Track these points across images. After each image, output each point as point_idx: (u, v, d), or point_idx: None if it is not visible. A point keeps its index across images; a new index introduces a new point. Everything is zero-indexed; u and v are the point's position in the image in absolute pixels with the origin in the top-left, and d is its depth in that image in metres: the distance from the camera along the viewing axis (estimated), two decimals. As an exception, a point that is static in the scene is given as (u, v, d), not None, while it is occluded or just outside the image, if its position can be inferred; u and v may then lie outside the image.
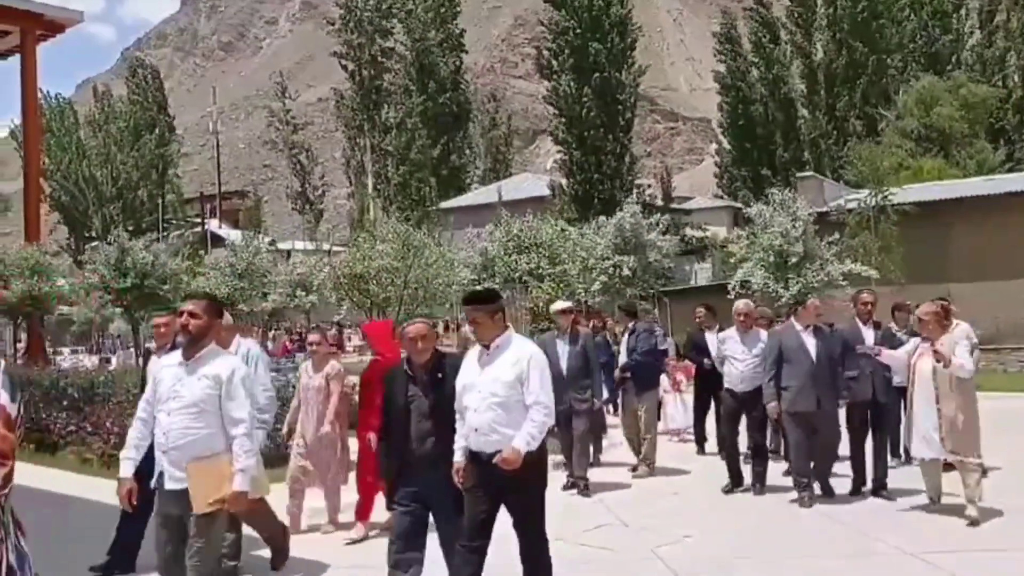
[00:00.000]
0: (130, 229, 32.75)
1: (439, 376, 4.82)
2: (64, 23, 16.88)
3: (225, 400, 4.39)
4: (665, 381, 12.06)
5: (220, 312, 4.72)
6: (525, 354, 4.62)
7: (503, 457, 4.41)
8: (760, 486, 8.11)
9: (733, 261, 20.47)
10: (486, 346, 4.65)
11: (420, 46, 54.87)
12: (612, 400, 10.53)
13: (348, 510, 7.13)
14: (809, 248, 19.13)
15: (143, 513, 5.04)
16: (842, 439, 7.95)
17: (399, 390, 4.94)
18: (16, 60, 17.04)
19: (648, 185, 64.00)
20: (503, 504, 4.65)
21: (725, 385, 8.49)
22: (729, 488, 8.20)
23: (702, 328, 10.55)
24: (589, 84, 44.12)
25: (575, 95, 44.30)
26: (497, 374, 4.57)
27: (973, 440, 6.82)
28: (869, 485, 7.87)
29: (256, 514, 5.62)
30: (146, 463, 4.56)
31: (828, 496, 7.68)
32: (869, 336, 7.94)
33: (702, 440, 10.68)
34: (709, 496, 8.15)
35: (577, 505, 7.94)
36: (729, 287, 19.54)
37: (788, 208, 19.56)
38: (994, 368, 19.97)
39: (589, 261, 19.94)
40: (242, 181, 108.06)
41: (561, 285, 14.39)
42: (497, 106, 72.37)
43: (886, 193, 22.17)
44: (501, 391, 4.53)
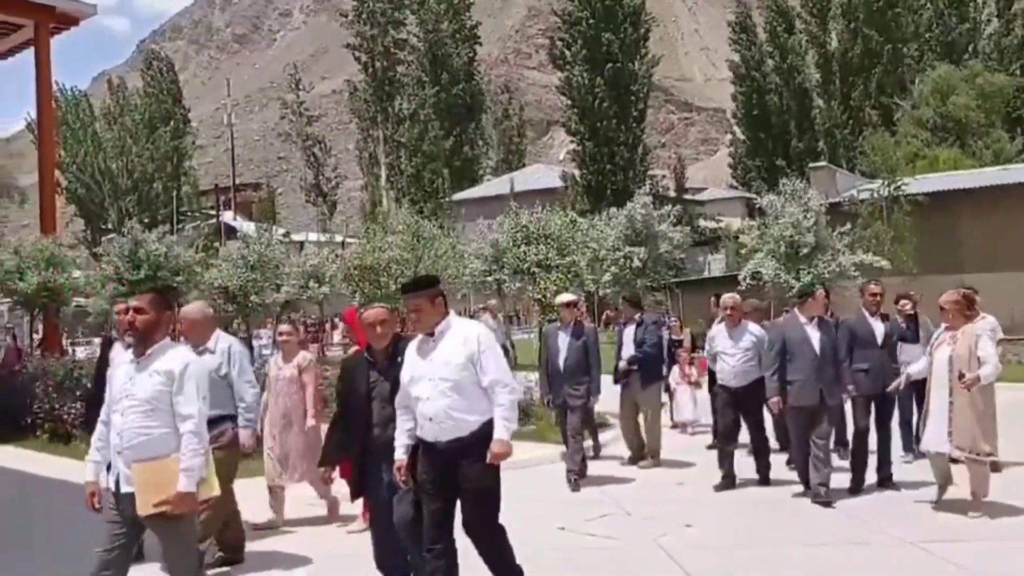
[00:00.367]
0: (145, 221, 32.96)
1: (399, 360, 4.69)
2: (77, 16, 16.98)
3: (175, 395, 4.19)
4: (676, 372, 12.05)
5: (168, 305, 4.48)
6: (472, 334, 4.50)
7: (495, 454, 4.33)
8: (766, 483, 7.98)
9: (744, 252, 20.42)
10: (429, 333, 4.51)
11: (433, 37, 54.87)
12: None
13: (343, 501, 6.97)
14: (821, 238, 19.06)
15: None
16: (834, 433, 7.80)
17: (361, 378, 4.88)
18: (31, 53, 17.17)
19: (662, 176, 63.87)
20: (457, 498, 4.52)
21: (719, 381, 8.41)
22: (720, 487, 7.93)
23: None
24: (602, 75, 44.06)
25: (588, 86, 44.24)
26: (446, 357, 4.43)
27: (985, 434, 6.62)
28: (869, 482, 7.71)
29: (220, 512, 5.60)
30: None
31: (825, 498, 7.18)
32: (878, 328, 7.76)
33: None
34: (712, 487, 8.14)
35: (581, 495, 7.98)
36: (740, 278, 19.51)
37: (800, 199, 19.48)
38: (1008, 359, 19.81)
39: (600, 252, 19.94)
40: (256, 173, 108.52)
41: (570, 276, 14.41)
42: (510, 97, 72.38)
43: (899, 183, 22.06)
44: (453, 374, 4.39)
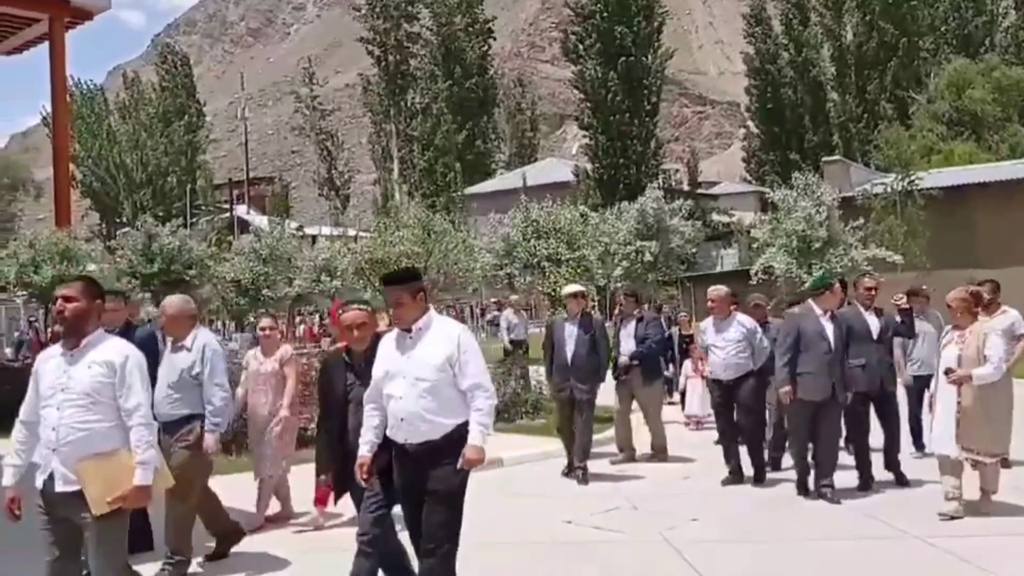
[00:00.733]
0: (160, 215, 33.17)
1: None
2: (92, 10, 17.02)
3: (119, 388, 3.99)
4: (688, 367, 12.04)
5: (100, 294, 4.24)
6: (453, 333, 4.29)
7: (468, 459, 4.11)
8: (760, 481, 7.84)
9: (756, 246, 20.36)
10: (407, 329, 4.30)
11: (446, 31, 54.89)
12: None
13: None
14: (833, 233, 18.97)
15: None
16: (842, 433, 7.71)
17: (338, 378, 4.75)
18: (46, 48, 17.26)
19: (675, 170, 63.72)
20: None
21: (710, 375, 8.36)
22: (727, 481, 7.89)
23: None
24: (615, 68, 43.96)
25: (601, 79, 44.15)
26: (424, 357, 4.22)
27: (994, 436, 6.41)
28: (878, 479, 7.63)
29: (204, 505, 5.60)
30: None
31: (832, 499, 7.13)
32: (873, 323, 7.66)
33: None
34: (720, 481, 8.14)
35: (589, 489, 8.00)
36: (752, 272, 19.45)
37: (812, 193, 19.40)
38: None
39: (611, 246, 19.92)
40: (270, 167, 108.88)
41: (579, 270, 14.41)
42: (523, 91, 72.39)
43: (912, 177, 21.93)
44: (430, 375, 4.19)
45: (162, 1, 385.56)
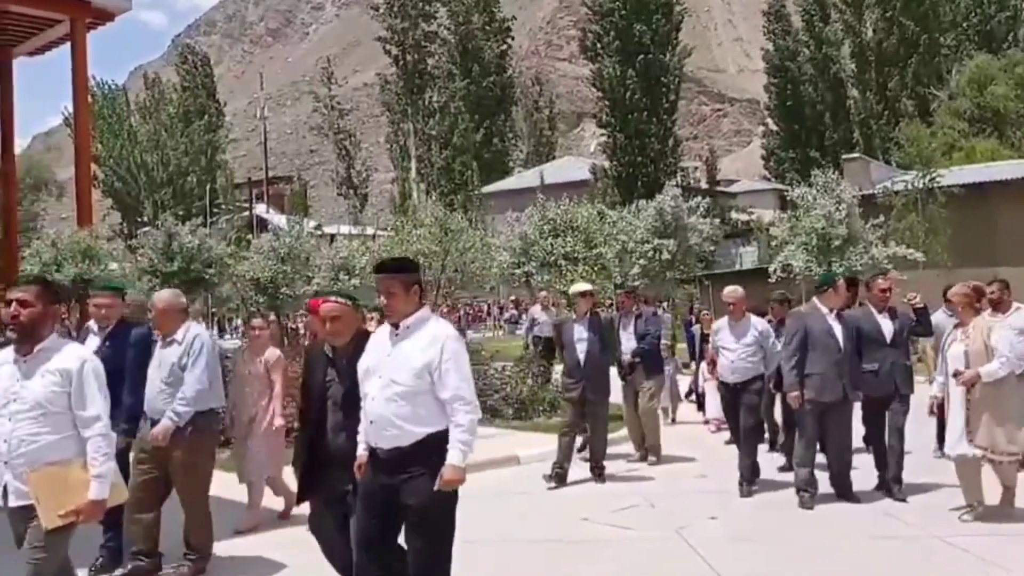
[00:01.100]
0: (180, 214, 33.43)
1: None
2: (113, 11, 17.18)
3: (75, 396, 3.81)
4: (704, 369, 11.96)
5: (56, 298, 4.07)
6: (439, 338, 3.94)
7: (446, 480, 3.78)
8: (747, 485, 7.54)
9: (776, 244, 20.23)
10: (395, 324, 4.02)
11: (464, 30, 54.98)
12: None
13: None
14: (853, 231, 18.81)
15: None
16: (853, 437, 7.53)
17: (318, 370, 4.52)
18: (67, 49, 17.44)
19: (694, 168, 63.49)
20: (395, 518, 3.98)
21: (719, 378, 8.25)
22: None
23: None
24: (633, 66, 43.86)
25: (619, 77, 44.06)
26: (404, 359, 3.92)
27: (1009, 434, 6.29)
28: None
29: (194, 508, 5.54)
30: None
31: (850, 500, 7.06)
32: (886, 325, 7.32)
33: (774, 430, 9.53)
34: (736, 480, 8.09)
35: (606, 487, 8.00)
36: (770, 271, 19.35)
37: (831, 190, 19.25)
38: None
39: (629, 244, 19.86)
40: (289, 166, 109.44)
41: (597, 268, 14.40)
42: (541, 89, 72.29)
43: (934, 175, 21.74)
44: (406, 379, 3.88)
45: (182, 2, 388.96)
